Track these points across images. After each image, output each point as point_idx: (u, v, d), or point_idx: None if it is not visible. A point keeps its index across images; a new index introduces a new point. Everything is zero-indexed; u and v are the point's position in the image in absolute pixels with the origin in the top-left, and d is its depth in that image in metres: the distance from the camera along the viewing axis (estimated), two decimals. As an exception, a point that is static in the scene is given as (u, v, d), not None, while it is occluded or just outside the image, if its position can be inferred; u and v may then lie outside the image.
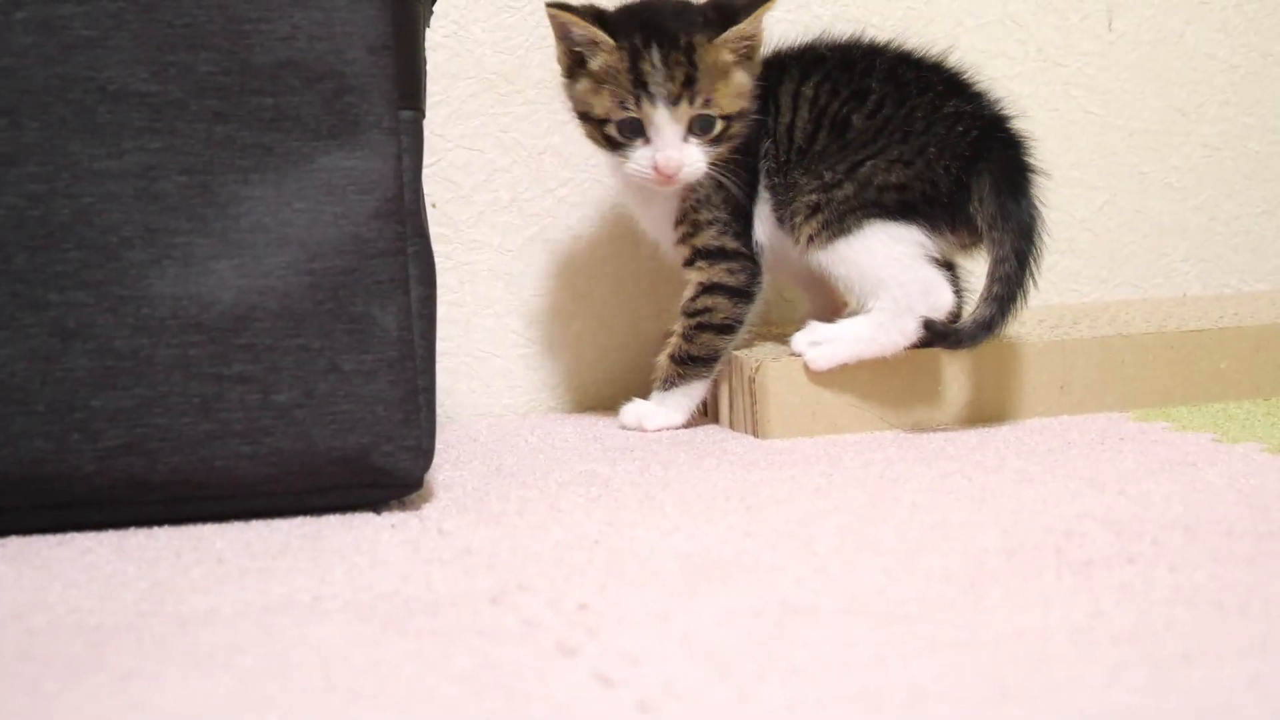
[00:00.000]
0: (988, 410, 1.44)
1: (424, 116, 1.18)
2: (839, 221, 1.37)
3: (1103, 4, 1.77)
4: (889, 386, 1.41)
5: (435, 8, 1.27)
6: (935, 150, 1.37)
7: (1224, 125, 1.84)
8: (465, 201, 1.58)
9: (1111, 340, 1.47)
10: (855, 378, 1.40)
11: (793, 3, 1.66)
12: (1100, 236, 1.80)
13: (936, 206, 1.37)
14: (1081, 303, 1.79)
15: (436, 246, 1.43)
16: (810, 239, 1.38)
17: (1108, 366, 1.47)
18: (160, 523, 1.12)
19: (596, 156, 1.56)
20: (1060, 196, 1.77)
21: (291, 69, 1.09)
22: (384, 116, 1.12)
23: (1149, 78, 1.80)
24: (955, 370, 1.42)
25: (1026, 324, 1.53)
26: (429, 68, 1.38)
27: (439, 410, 1.41)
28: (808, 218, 1.38)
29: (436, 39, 1.54)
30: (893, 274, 1.36)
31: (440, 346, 1.53)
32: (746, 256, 1.43)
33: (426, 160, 1.50)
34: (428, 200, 1.45)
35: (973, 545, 0.99)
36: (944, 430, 1.41)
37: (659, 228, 1.47)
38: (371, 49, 1.11)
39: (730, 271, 1.43)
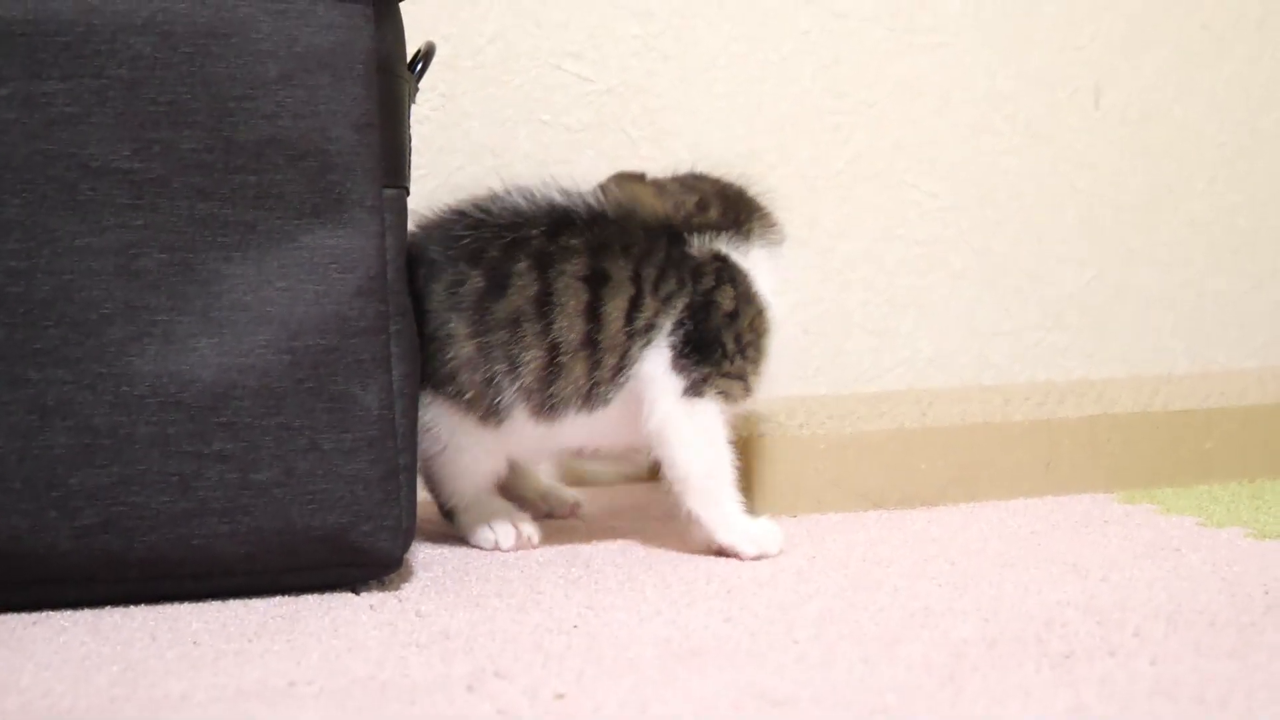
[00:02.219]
0: (973, 489, 1.43)
1: (408, 194, 1.18)
2: None
3: (1090, 80, 1.78)
4: (873, 465, 1.41)
5: (422, 83, 1.27)
6: None
7: (1212, 201, 1.84)
8: (451, 273, 1.58)
9: (1098, 419, 1.47)
10: (840, 456, 1.40)
11: (783, 76, 1.66)
12: (1087, 311, 1.80)
13: None
14: (1068, 379, 1.79)
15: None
16: None
17: (1093, 446, 1.46)
18: (137, 601, 1.11)
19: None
20: (1047, 270, 1.78)
21: (275, 147, 1.09)
22: (368, 194, 1.12)
23: (1136, 153, 1.81)
24: (940, 448, 1.42)
25: (1012, 401, 1.53)
26: (416, 140, 1.38)
27: (421, 484, 1.41)
28: None
29: (424, 111, 1.55)
30: None
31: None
32: None
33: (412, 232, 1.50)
34: (413, 273, 1.45)
35: (953, 634, 0.99)
36: (928, 508, 1.40)
37: None
38: (356, 127, 1.11)
39: None
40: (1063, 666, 0.91)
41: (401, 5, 1.18)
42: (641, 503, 1.49)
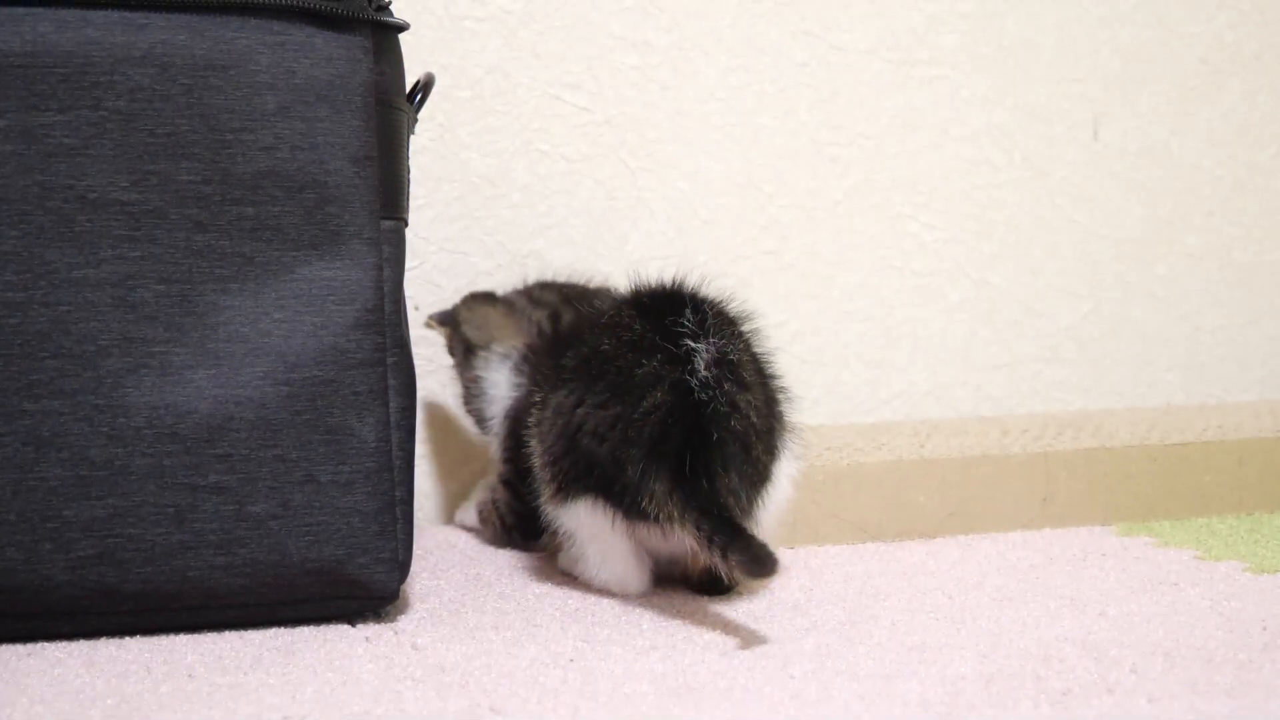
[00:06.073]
0: (970, 522, 1.43)
1: (406, 225, 1.18)
2: None
3: (1088, 113, 1.78)
4: (870, 497, 1.40)
5: (421, 113, 1.27)
6: None
7: (1209, 235, 1.84)
8: (448, 304, 1.57)
9: (1095, 453, 1.46)
10: (837, 488, 1.39)
11: (780, 109, 1.66)
12: (1084, 345, 1.80)
13: None
14: (1065, 411, 1.79)
15: (419, 350, 1.42)
16: None
17: (1091, 479, 1.46)
18: (131, 633, 1.11)
19: (580, 262, 1.57)
20: (1044, 304, 1.78)
21: (273, 179, 1.09)
22: (365, 227, 1.12)
23: (1134, 187, 1.81)
24: (938, 481, 1.42)
25: (1010, 434, 1.53)
26: (414, 171, 1.38)
27: (418, 514, 1.40)
28: None
29: (422, 142, 1.55)
30: None
31: (421, 450, 1.53)
32: None
33: (410, 263, 1.51)
34: (410, 303, 1.45)
35: (950, 670, 0.98)
36: (925, 541, 1.40)
37: None
38: (354, 159, 1.11)
39: None
40: (1060, 704, 0.91)
41: (400, 37, 1.18)
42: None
